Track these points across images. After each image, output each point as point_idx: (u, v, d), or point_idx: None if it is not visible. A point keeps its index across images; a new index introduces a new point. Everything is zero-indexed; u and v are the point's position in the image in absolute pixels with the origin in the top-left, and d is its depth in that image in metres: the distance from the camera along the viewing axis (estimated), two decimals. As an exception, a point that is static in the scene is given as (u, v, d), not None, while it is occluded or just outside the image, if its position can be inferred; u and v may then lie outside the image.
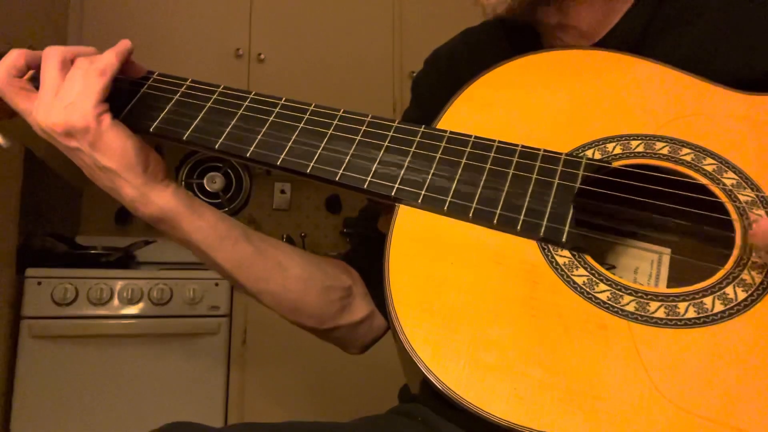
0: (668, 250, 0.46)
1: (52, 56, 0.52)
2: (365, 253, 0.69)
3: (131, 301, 1.59)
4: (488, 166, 0.47)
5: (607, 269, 0.42)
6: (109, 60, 0.52)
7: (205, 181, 2.19)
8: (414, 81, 0.75)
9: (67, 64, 0.53)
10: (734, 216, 0.41)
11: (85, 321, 1.55)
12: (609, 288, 0.40)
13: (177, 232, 0.56)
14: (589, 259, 0.42)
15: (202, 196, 2.19)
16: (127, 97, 0.55)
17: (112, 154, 0.51)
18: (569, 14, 0.57)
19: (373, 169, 0.48)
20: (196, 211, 0.56)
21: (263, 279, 0.60)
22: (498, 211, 0.44)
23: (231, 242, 0.58)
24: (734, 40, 0.50)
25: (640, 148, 0.46)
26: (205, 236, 0.56)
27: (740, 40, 0.50)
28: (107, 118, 0.51)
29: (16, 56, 0.53)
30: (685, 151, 0.45)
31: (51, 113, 0.50)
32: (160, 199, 0.54)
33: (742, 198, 0.42)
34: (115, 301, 1.58)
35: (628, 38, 0.55)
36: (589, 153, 0.46)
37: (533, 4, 0.56)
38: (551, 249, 0.43)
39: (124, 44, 0.54)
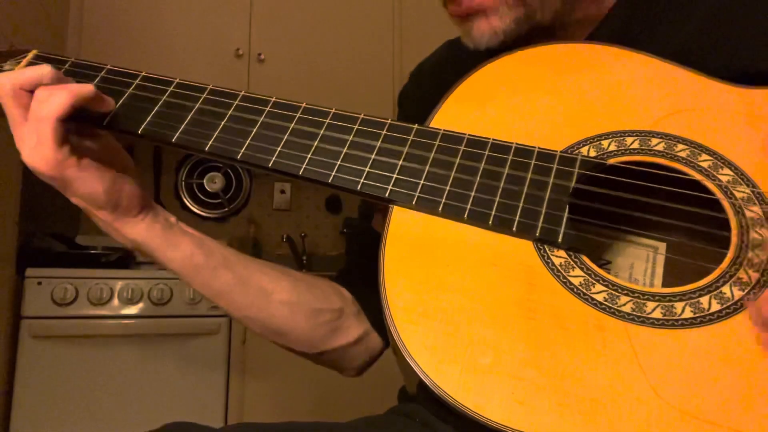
0: (663, 246, 0.46)
1: (3, 93, 0.49)
2: (359, 262, 0.68)
3: (131, 301, 1.59)
4: (482, 165, 0.46)
5: (604, 265, 0.41)
6: (59, 102, 0.48)
7: (205, 181, 2.19)
8: (400, 94, 0.74)
9: (22, 96, 0.49)
10: (730, 213, 0.41)
11: (85, 321, 1.55)
12: (605, 288, 0.40)
13: (154, 260, 0.57)
14: (585, 259, 0.41)
15: (202, 196, 2.20)
16: (115, 98, 0.54)
17: (80, 197, 0.52)
18: (561, 38, 0.57)
19: (366, 171, 0.48)
20: (171, 242, 0.56)
21: (245, 307, 0.60)
22: (493, 213, 0.44)
23: (208, 272, 0.58)
24: (728, 35, 0.49)
25: (635, 145, 0.45)
26: (179, 266, 0.57)
27: (734, 35, 0.49)
28: (72, 164, 0.49)
29: (47, 73, 0.49)
30: (681, 147, 0.44)
31: (23, 153, 0.49)
32: (132, 233, 0.55)
33: (737, 194, 0.41)
34: (115, 301, 1.58)
35: (609, 38, 0.55)
36: (584, 150, 0.46)
37: (527, 39, 0.54)
38: (547, 249, 0.42)
39: (86, 88, 0.50)
